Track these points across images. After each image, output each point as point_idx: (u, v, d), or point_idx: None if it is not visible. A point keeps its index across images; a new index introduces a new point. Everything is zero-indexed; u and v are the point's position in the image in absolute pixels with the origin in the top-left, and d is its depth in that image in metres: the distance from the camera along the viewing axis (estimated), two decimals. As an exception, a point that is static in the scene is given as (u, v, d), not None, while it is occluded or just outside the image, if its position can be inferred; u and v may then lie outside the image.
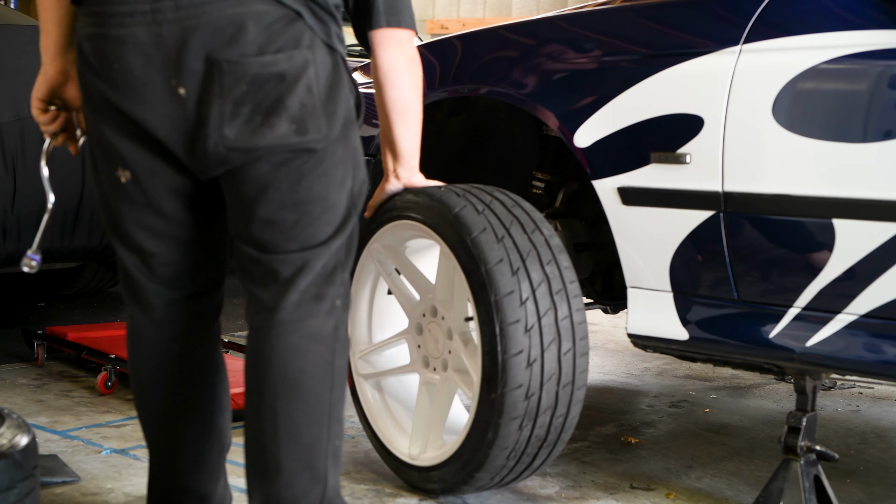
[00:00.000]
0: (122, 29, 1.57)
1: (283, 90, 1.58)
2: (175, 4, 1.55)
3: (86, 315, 4.21)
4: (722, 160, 2.07)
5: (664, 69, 2.16)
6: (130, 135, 1.62)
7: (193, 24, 1.55)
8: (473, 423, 2.07)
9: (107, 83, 1.60)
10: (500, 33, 2.54)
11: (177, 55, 1.56)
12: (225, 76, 1.55)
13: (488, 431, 2.03)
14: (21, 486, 1.35)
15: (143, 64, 1.57)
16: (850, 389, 3.29)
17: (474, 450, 2.06)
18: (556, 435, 2.11)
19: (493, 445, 2.03)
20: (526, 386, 2.00)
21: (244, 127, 1.57)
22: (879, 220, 1.90)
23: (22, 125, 3.32)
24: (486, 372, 2.02)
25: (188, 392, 1.78)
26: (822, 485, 2.10)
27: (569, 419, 2.10)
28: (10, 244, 3.38)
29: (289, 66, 1.58)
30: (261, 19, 1.56)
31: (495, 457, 2.06)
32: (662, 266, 2.19)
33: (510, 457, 2.08)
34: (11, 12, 4.24)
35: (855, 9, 1.99)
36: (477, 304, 2.03)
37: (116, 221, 1.72)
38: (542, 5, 9.78)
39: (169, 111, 1.58)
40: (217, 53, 1.55)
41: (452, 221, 2.08)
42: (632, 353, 3.71)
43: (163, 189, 1.66)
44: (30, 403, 2.87)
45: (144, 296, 1.74)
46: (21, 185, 3.32)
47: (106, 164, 1.69)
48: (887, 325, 1.94)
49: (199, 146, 1.59)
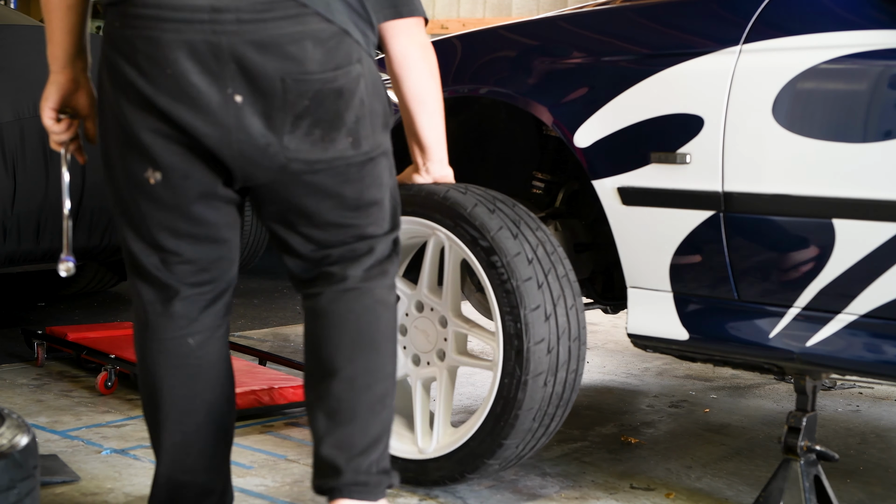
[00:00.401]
0: (177, 35, 1.58)
1: (342, 105, 1.67)
2: (237, 18, 1.58)
3: (86, 315, 4.21)
4: (722, 160, 2.07)
5: (664, 69, 2.16)
6: (169, 138, 1.64)
7: (255, 39, 1.59)
8: (499, 388, 2.11)
9: (154, 86, 1.61)
10: (500, 33, 2.54)
11: (236, 66, 1.59)
12: (289, 92, 1.62)
13: (518, 391, 2.08)
14: (21, 486, 1.35)
15: (198, 71, 1.59)
16: (850, 389, 3.28)
17: (502, 415, 2.10)
18: (570, 392, 2.18)
19: (521, 406, 2.08)
20: (547, 340, 2.09)
21: (304, 139, 1.65)
22: (879, 220, 1.90)
23: (22, 125, 3.32)
24: (507, 331, 2.09)
25: (201, 387, 1.80)
26: (822, 485, 2.10)
27: (578, 375, 2.18)
28: (10, 244, 3.38)
29: (346, 81, 1.66)
30: (318, 37, 1.63)
31: (523, 419, 2.10)
32: (662, 266, 2.19)
33: (535, 418, 2.12)
34: (11, 12, 4.24)
35: (855, 9, 1.99)
36: (488, 271, 2.12)
37: (136, 220, 1.73)
38: (542, 5, 9.78)
39: (222, 118, 1.61)
40: (281, 69, 1.61)
41: (443, 201, 2.18)
42: (632, 353, 3.70)
43: (193, 192, 1.69)
44: (30, 403, 2.87)
45: (161, 292, 1.76)
46: (21, 185, 3.32)
47: (132, 164, 1.68)
48: (887, 325, 1.94)
49: (254, 154, 1.64)
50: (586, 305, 2.81)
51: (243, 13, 1.58)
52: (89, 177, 3.50)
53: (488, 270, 2.13)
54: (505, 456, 2.17)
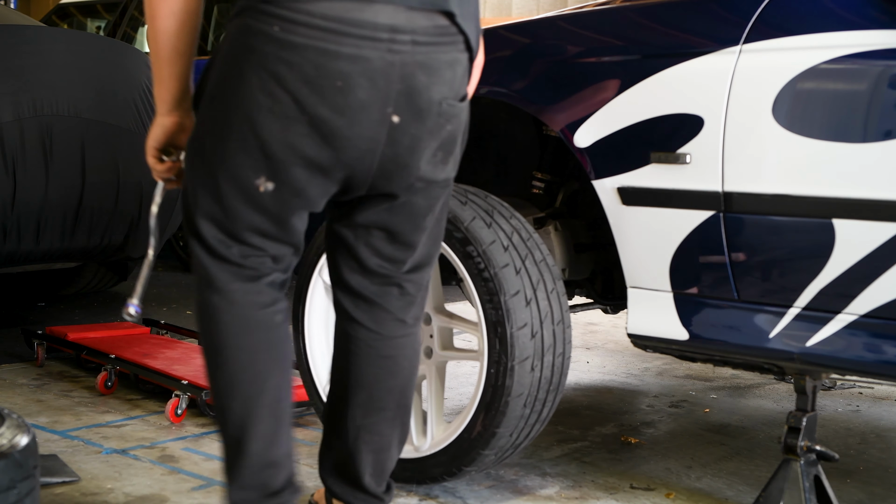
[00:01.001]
0: (356, 50, 1.60)
1: (460, 132, 1.78)
2: (413, 40, 1.62)
3: (86, 315, 4.21)
4: (722, 160, 2.07)
5: (664, 69, 2.16)
6: (303, 152, 1.63)
7: (423, 61, 1.65)
8: (486, 377, 2.13)
9: (318, 95, 1.60)
10: (500, 33, 2.55)
11: (401, 85, 1.63)
12: (442, 115, 1.70)
13: (505, 378, 2.09)
14: (21, 486, 1.35)
15: (367, 87, 1.61)
16: (850, 389, 3.29)
17: (492, 403, 2.12)
18: (559, 377, 2.19)
19: (510, 392, 2.10)
20: (530, 325, 2.11)
21: (431, 160, 1.73)
22: (879, 220, 1.90)
23: (22, 125, 3.32)
24: (489, 319, 2.12)
25: (285, 364, 1.81)
26: (822, 485, 2.10)
27: (566, 358, 2.20)
28: (10, 244, 3.38)
29: (468, 110, 1.79)
30: (463, 65, 1.73)
31: (514, 406, 2.11)
32: (662, 266, 2.19)
33: (526, 404, 2.14)
34: (11, 12, 4.25)
35: (855, 9, 1.99)
36: (465, 262, 2.15)
37: (222, 215, 1.70)
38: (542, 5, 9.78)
39: (375, 136, 1.65)
40: (441, 93, 1.68)
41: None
42: (632, 353, 3.71)
43: (297, 207, 1.71)
44: (30, 403, 2.87)
45: (244, 272, 1.74)
46: (21, 185, 3.32)
47: (244, 166, 1.65)
48: (887, 325, 1.94)
49: (392, 171, 1.70)
50: (586, 305, 2.81)
51: (418, 35, 1.63)
52: (89, 176, 3.51)
53: (465, 261, 2.15)
54: (500, 445, 2.17)
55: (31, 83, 3.38)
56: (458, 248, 2.16)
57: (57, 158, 3.41)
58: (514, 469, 2.42)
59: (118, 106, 3.61)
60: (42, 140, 3.37)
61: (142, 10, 6.06)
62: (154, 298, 4.61)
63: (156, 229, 1.92)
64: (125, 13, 6.02)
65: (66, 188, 3.45)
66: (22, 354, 3.43)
